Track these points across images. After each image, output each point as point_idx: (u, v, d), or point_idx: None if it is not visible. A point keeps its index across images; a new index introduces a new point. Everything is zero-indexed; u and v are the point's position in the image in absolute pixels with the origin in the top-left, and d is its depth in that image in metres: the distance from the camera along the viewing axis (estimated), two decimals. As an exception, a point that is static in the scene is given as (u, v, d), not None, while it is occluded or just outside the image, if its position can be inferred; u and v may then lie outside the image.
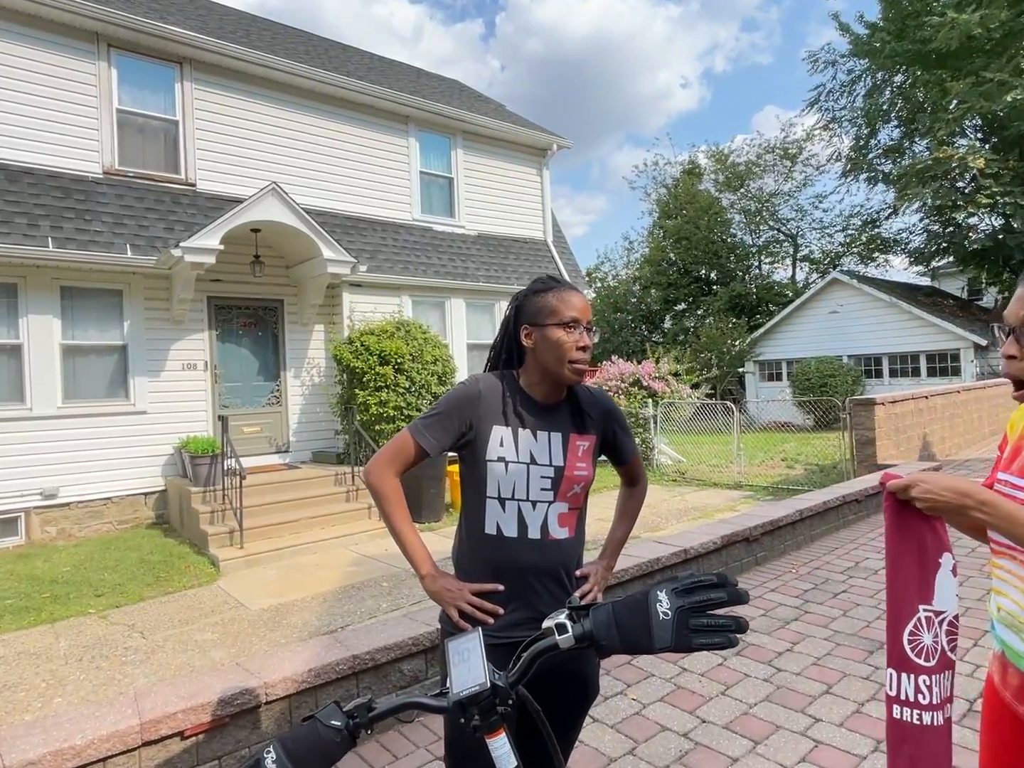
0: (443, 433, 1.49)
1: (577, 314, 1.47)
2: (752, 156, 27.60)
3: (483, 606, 1.46)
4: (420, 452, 1.50)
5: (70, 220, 6.99)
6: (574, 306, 1.48)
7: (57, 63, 7.24)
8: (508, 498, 1.48)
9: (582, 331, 1.47)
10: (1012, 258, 17.59)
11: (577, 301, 1.49)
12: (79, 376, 7.30)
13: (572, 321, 1.47)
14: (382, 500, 1.52)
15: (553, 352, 1.47)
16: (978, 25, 15.07)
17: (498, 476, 1.48)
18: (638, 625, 0.85)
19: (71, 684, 3.76)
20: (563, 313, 1.48)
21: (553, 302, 1.50)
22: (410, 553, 1.52)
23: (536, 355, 1.51)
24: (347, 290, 8.78)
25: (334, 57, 10.81)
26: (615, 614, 0.87)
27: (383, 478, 1.51)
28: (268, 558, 6.11)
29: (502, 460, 1.48)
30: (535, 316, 1.53)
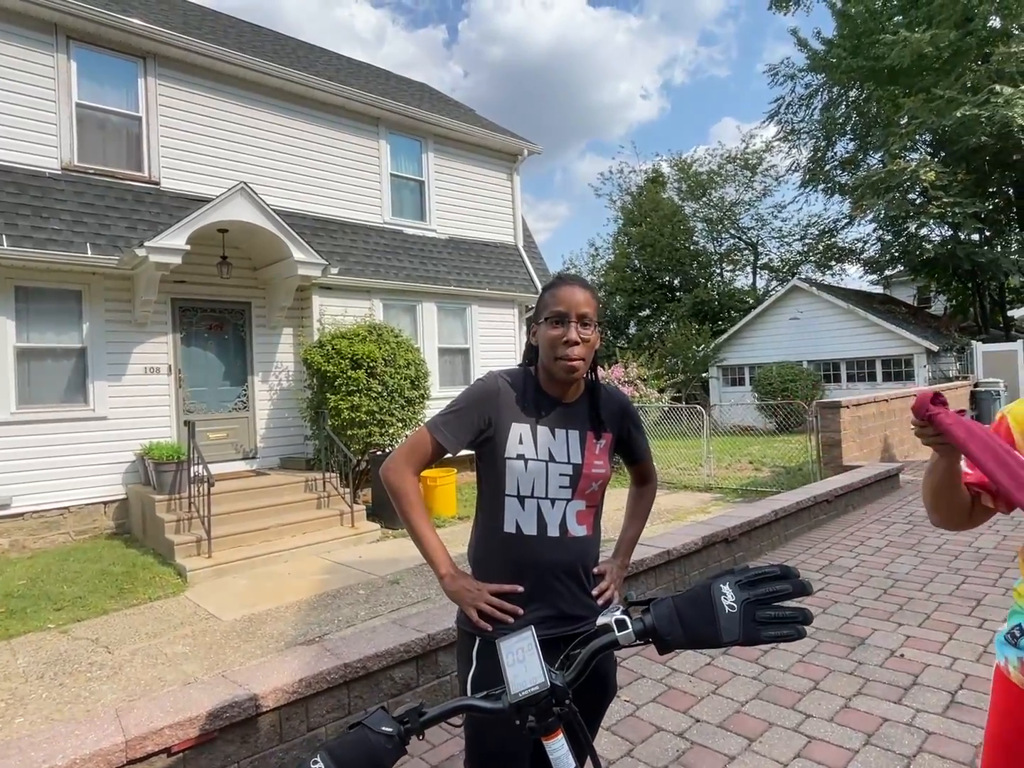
0: (462, 429, 1.46)
1: (563, 308, 1.45)
2: (714, 166, 28.24)
3: (503, 606, 1.42)
4: (438, 448, 1.47)
5: (26, 217, 6.69)
6: (562, 300, 1.46)
7: (12, 54, 6.94)
8: (527, 496, 1.46)
9: (569, 324, 1.45)
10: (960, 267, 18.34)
11: (567, 295, 1.47)
12: (35, 380, 6.98)
13: (557, 315, 1.45)
14: (400, 498, 1.48)
15: (544, 348, 1.48)
16: (928, 44, 15.72)
17: (517, 473, 1.45)
18: (703, 619, 0.83)
19: (32, 703, 3.57)
20: (551, 308, 1.47)
21: (547, 298, 1.50)
22: (429, 552, 1.48)
23: (540, 352, 1.51)
24: (317, 293, 8.63)
25: (303, 57, 10.65)
26: (677, 608, 0.85)
27: (402, 476, 1.47)
28: (238, 567, 5.93)
29: (521, 457, 1.45)
30: (536, 314, 1.54)
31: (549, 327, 1.45)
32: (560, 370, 1.46)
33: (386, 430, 7.83)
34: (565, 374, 1.46)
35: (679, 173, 29.01)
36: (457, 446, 1.47)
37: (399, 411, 7.91)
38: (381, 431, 7.77)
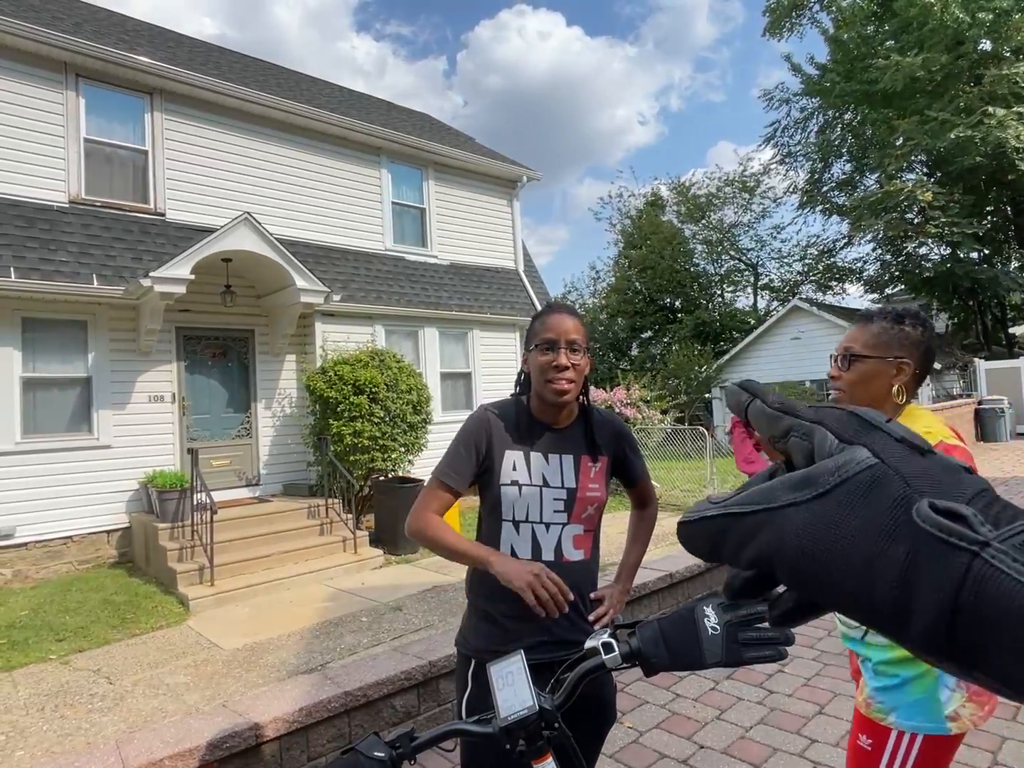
0: (463, 468, 1.50)
1: (553, 335, 1.50)
2: (712, 188, 28.54)
3: (562, 585, 1.36)
4: (448, 490, 1.51)
5: (34, 250, 6.81)
6: (551, 328, 1.51)
7: (23, 92, 7.12)
8: (522, 520, 1.48)
9: (559, 350, 1.48)
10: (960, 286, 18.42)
11: (555, 322, 1.52)
12: (40, 410, 7.04)
13: (546, 342, 1.50)
14: (427, 533, 1.49)
15: (535, 374, 1.52)
16: (920, 67, 15.98)
17: (512, 499, 1.48)
18: (687, 641, 0.85)
19: (34, 735, 3.54)
20: (540, 335, 1.51)
21: (537, 326, 1.55)
22: (470, 553, 1.46)
23: (532, 378, 1.54)
24: (320, 319, 8.71)
25: (305, 89, 10.89)
26: (662, 631, 0.87)
27: (424, 518, 1.50)
28: (241, 595, 5.91)
29: (515, 483, 1.48)
30: (527, 342, 1.59)
31: (539, 353, 1.49)
32: (550, 394, 1.49)
33: (388, 455, 7.84)
34: (555, 397, 1.49)
35: (678, 196, 29.33)
36: (463, 484, 1.51)
37: (401, 436, 7.93)
38: (384, 456, 7.78)
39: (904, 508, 0.29)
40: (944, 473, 0.31)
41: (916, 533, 0.28)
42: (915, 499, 0.29)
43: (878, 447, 0.32)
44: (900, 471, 0.31)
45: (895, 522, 0.29)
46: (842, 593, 0.30)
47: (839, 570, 0.30)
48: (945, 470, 0.31)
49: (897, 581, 0.28)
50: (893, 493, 0.30)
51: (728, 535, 0.34)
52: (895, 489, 0.30)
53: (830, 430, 0.35)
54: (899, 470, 0.31)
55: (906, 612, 0.28)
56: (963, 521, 0.27)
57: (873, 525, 0.29)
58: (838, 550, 0.30)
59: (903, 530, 0.28)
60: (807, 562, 0.31)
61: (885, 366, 1.53)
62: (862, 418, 0.35)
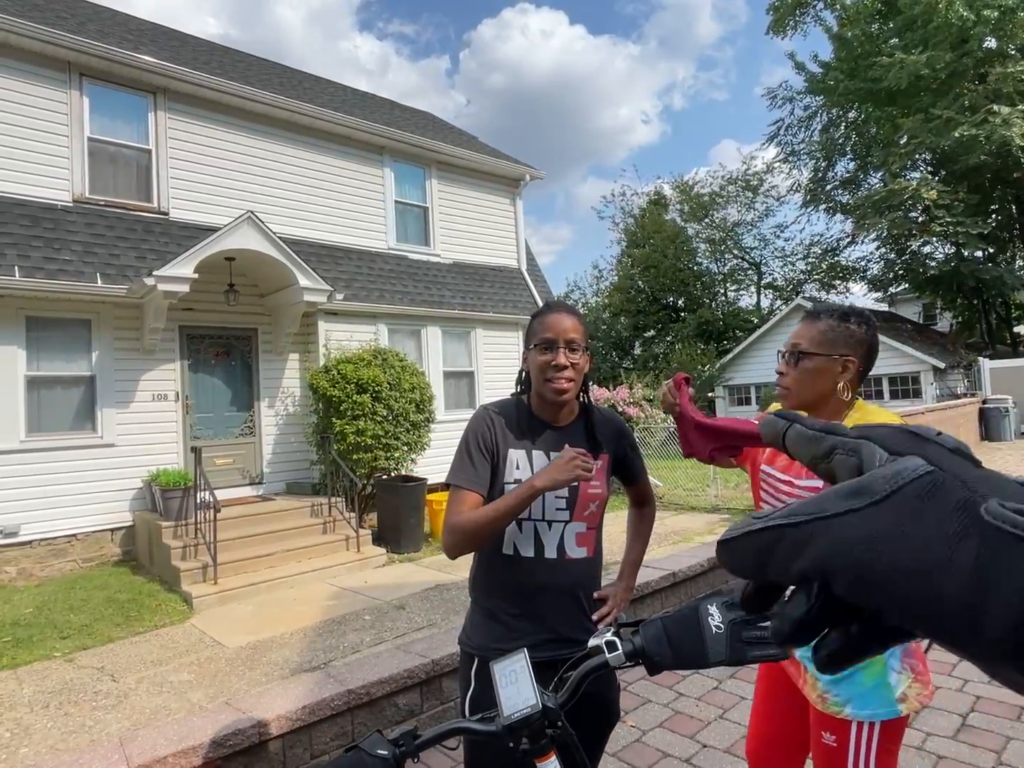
0: (479, 466, 1.50)
1: (552, 335, 1.50)
2: (715, 187, 28.50)
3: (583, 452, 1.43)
4: (474, 496, 1.48)
5: (38, 249, 6.83)
6: (550, 327, 1.51)
7: (27, 91, 7.14)
8: (524, 518, 1.48)
9: (558, 350, 1.49)
10: (965, 284, 18.36)
11: (554, 321, 1.52)
12: (44, 408, 7.06)
13: (545, 342, 1.50)
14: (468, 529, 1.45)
15: (535, 373, 1.53)
16: (925, 65, 15.92)
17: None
18: (691, 640, 0.85)
19: (38, 733, 3.56)
20: (539, 335, 1.52)
21: (535, 326, 1.55)
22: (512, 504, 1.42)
23: (531, 377, 1.55)
24: (323, 318, 8.71)
25: (308, 88, 10.89)
26: (666, 629, 0.87)
27: (457, 524, 1.46)
28: (243, 593, 5.92)
29: (518, 482, 1.48)
30: (527, 341, 1.59)
31: (538, 353, 1.50)
32: (550, 393, 1.50)
33: (391, 454, 7.84)
34: (555, 396, 1.50)
35: (681, 195, 29.29)
36: (484, 486, 1.50)
37: (404, 435, 7.93)
38: (387, 455, 7.79)
39: (969, 510, 0.28)
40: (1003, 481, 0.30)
41: (987, 532, 0.26)
42: (979, 501, 0.28)
43: (932, 456, 0.31)
44: (960, 475, 0.30)
45: (961, 524, 0.28)
46: (908, 601, 0.29)
47: (904, 577, 0.28)
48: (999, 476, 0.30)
49: (968, 583, 0.26)
50: (955, 496, 0.29)
51: (776, 548, 0.33)
52: (957, 493, 0.29)
53: (879, 444, 0.34)
54: (959, 474, 0.30)
55: (978, 617, 0.26)
56: None
57: (937, 529, 0.28)
58: (902, 557, 0.28)
59: (972, 530, 0.27)
60: (869, 572, 0.29)
61: (831, 363, 1.56)
62: (912, 432, 0.34)
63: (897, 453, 0.32)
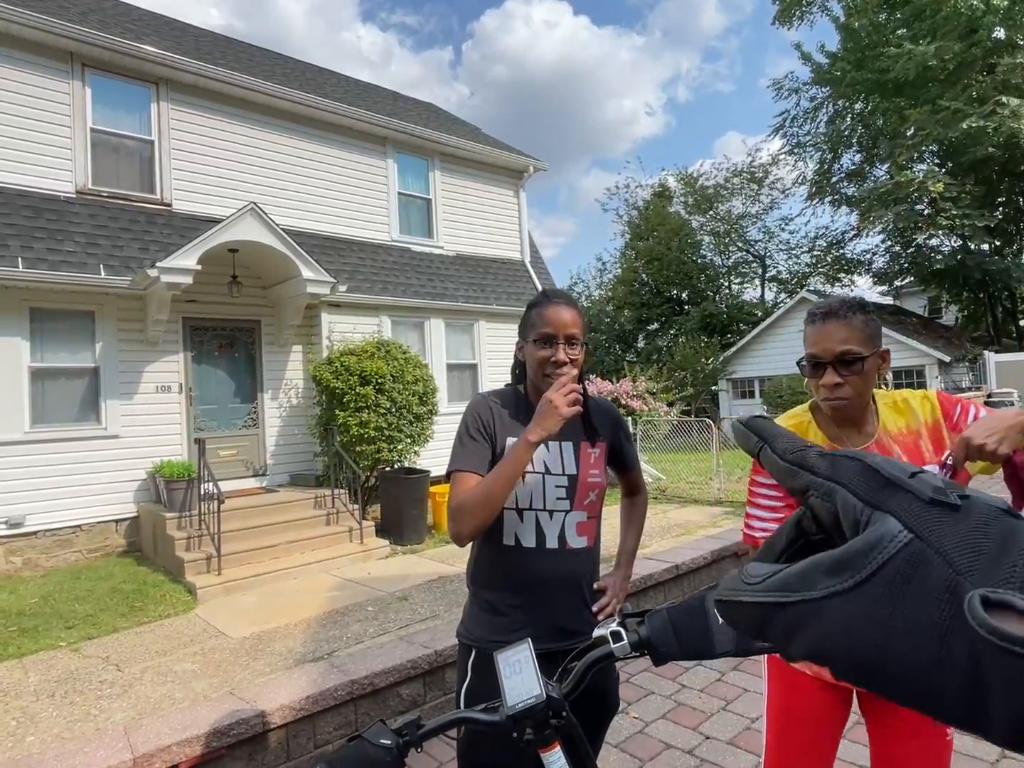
0: (478, 449, 1.48)
1: (551, 330, 1.48)
2: (720, 179, 28.34)
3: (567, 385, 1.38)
4: (474, 475, 1.46)
5: (41, 240, 6.82)
6: (549, 321, 1.48)
7: (29, 81, 7.12)
8: (525, 508, 1.47)
9: (557, 346, 1.47)
10: (971, 278, 18.26)
11: (553, 315, 1.49)
12: (48, 400, 7.07)
13: (544, 337, 1.48)
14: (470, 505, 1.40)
15: (533, 367, 1.51)
16: (933, 56, 15.77)
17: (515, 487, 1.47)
18: (697, 630, 0.84)
19: (44, 721, 3.58)
20: (538, 328, 1.49)
21: (534, 317, 1.52)
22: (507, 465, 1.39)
23: (528, 369, 1.53)
24: (326, 310, 8.70)
25: (311, 79, 10.84)
26: (672, 620, 0.86)
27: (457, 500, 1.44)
28: (247, 584, 5.94)
29: None
30: (523, 331, 1.57)
31: (537, 348, 1.48)
32: (548, 388, 1.49)
33: (395, 446, 7.85)
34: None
35: (685, 187, 29.14)
36: (485, 467, 1.48)
37: (407, 427, 7.94)
38: (390, 447, 7.79)
39: (953, 599, 0.27)
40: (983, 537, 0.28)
41: (974, 636, 0.25)
42: (964, 586, 0.27)
43: (909, 516, 0.30)
44: (938, 547, 0.28)
45: (947, 618, 0.26)
46: (910, 693, 0.27)
47: (899, 670, 0.27)
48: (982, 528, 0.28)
49: (965, 685, 0.25)
50: (937, 578, 0.27)
51: (771, 623, 0.32)
52: (938, 573, 0.28)
53: (851, 491, 0.32)
54: (937, 546, 0.28)
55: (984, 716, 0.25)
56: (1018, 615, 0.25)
57: (924, 619, 0.27)
58: (893, 648, 0.27)
59: (959, 628, 0.26)
60: (863, 661, 0.28)
61: (876, 360, 1.47)
62: (881, 474, 0.32)
63: (871, 504, 0.31)
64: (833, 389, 1.43)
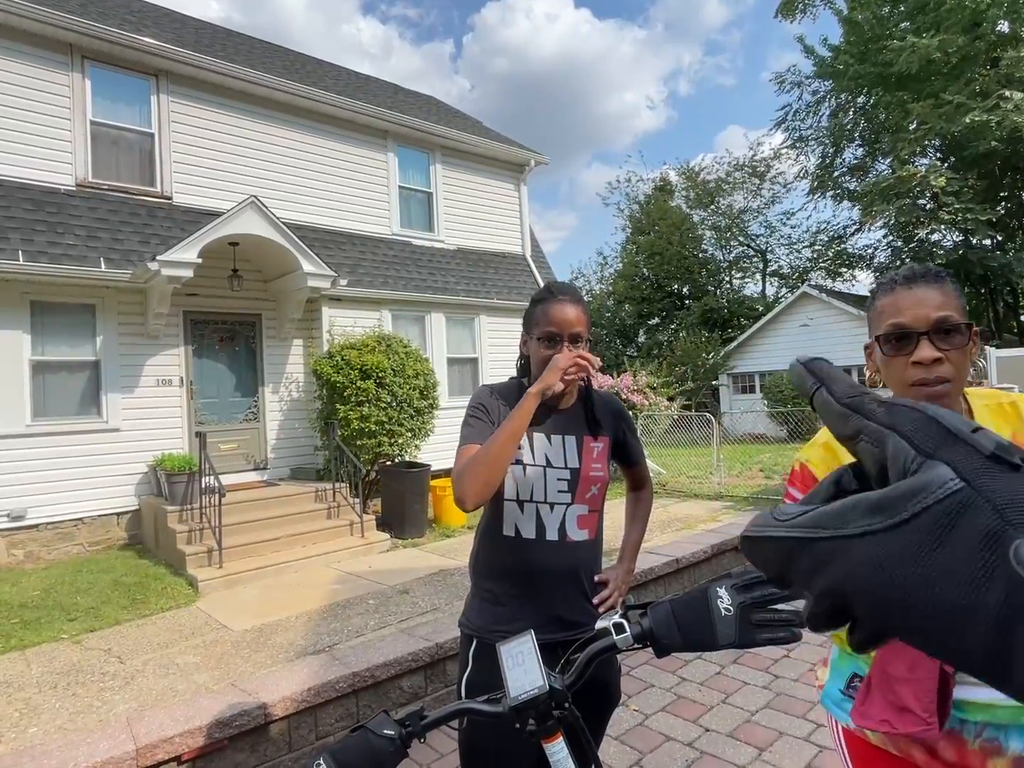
0: (486, 427, 1.49)
1: (555, 328, 1.47)
2: (721, 174, 28.26)
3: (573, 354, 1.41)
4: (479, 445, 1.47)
5: (42, 233, 6.81)
6: (553, 320, 1.48)
7: (29, 73, 7.09)
8: (526, 500, 1.48)
9: (561, 345, 1.47)
10: (972, 273, 18.21)
11: (558, 314, 1.48)
12: (49, 393, 7.08)
13: (548, 336, 1.47)
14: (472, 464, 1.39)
15: (536, 365, 1.51)
16: (937, 49, 15.69)
17: (516, 478, 1.48)
18: (700, 622, 0.84)
19: (46, 712, 3.59)
20: (542, 327, 1.49)
21: (538, 314, 1.52)
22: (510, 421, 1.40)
23: (532, 365, 1.54)
24: (327, 304, 8.70)
25: (311, 72, 10.80)
26: (674, 612, 0.86)
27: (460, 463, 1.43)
28: (249, 577, 5.96)
29: (519, 463, 1.48)
30: (527, 326, 1.57)
31: (541, 346, 1.47)
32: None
33: (395, 440, 7.86)
34: (558, 392, 1.50)
35: (687, 181, 29.06)
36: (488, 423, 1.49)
37: (408, 421, 7.94)
38: (390, 441, 7.80)
39: (996, 546, 0.25)
40: None
41: (1014, 579, 0.24)
42: (1010, 534, 0.25)
43: (963, 464, 0.28)
44: (990, 497, 0.27)
45: (986, 564, 0.25)
46: (929, 636, 0.27)
47: (923, 613, 0.27)
48: None
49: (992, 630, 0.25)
50: (982, 526, 0.26)
51: (797, 559, 0.31)
52: (985, 521, 0.26)
53: (906, 438, 0.31)
54: (989, 496, 0.27)
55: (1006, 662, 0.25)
56: None
57: (961, 565, 0.26)
58: (921, 591, 0.27)
59: (997, 574, 0.25)
60: (886, 602, 0.28)
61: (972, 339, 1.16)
62: (943, 425, 0.30)
63: (925, 453, 0.30)
64: (931, 367, 1.09)
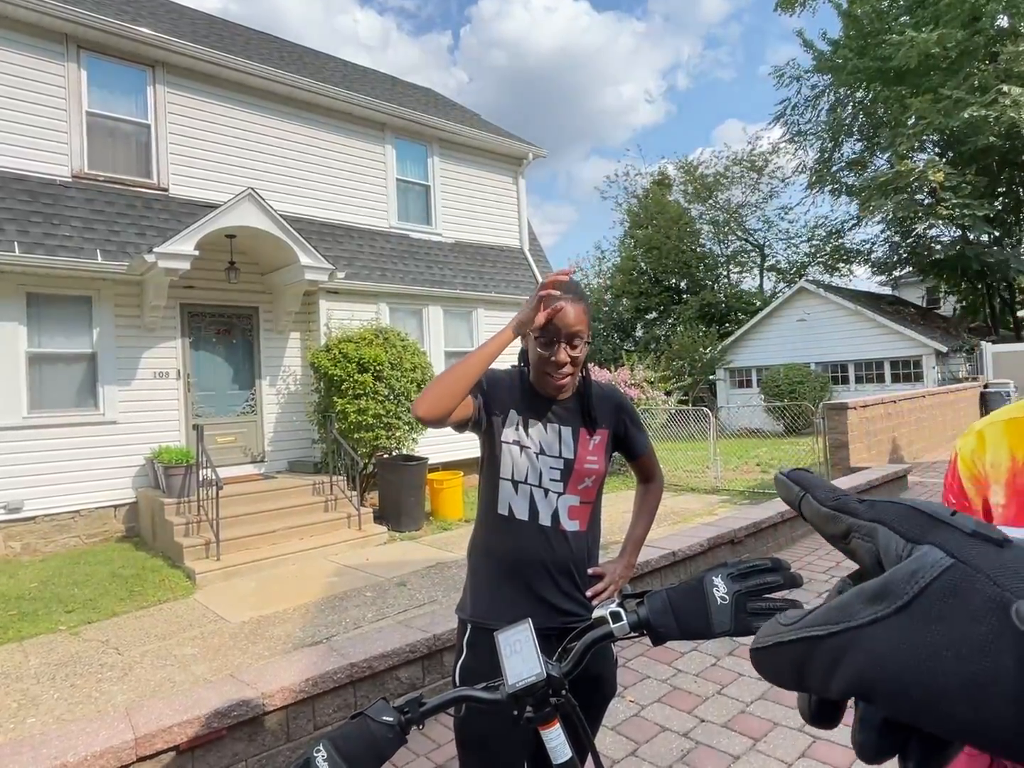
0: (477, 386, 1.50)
1: (553, 328, 1.48)
2: (720, 168, 28.20)
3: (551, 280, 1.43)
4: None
5: (37, 224, 6.78)
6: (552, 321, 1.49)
7: (24, 64, 7.04)
8: (521, 481, 1.50)
9: (558, 345, 1.47)
10: (970, 268, 18.25)
11: (558, 316, 1.49)
12: (46, 385, 7.06)
13: (545, 335, 1.48)
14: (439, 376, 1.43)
15: (533, 361, 1.53)
16: (935, 44, 15.67)
17: (513, 458, 1.50)
18: (695, 611, 0.85)
19: (45, 703, 3.61)
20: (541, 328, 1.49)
21: None
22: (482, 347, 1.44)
23: (529, 360, 1.56)
24: (324, 297, 8.68)
25: (309, 63, 10.74)
26: (671, 601, 0.87)
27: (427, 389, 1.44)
28: (246, 570, 5.97)
29: (517, 443, 1.51)
30: None
31: (538, 345, 1.48)
32: (547, 387, 1.51)
33: (393, 433, 7.86)
34: (553, 392, 1.52)
35: (685, 175, 28.99)
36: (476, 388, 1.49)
37: (405, 414, 7.94)
38: (388, 434, 7.81)
39: (998, 611, 0.26)
40: None
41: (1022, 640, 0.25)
42: (1009, 599, 0.26)
43: (950, 544, 0.30)
44: (981, 568, 0.28)
45: (992, 628, 0.26)
46: (955, 720, 0.27)
47: (944, 693, 0.27)
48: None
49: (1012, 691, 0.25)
50: (982, 595, 0.27)
51: (811, 661, 0.31)
52: (982, 591, 0.27)
53: (893, 529, 0.32)
54: (979, 567, 0.28)
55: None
56: None
57: (968, 633, 0.26)
58: (938, 670, 0.27)
59: (1006, 638, 0.25)
60: (906, 688, 0.28)
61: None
62: (925, 513, 0.32)
63: (912, 540, 0.31)
64: None
